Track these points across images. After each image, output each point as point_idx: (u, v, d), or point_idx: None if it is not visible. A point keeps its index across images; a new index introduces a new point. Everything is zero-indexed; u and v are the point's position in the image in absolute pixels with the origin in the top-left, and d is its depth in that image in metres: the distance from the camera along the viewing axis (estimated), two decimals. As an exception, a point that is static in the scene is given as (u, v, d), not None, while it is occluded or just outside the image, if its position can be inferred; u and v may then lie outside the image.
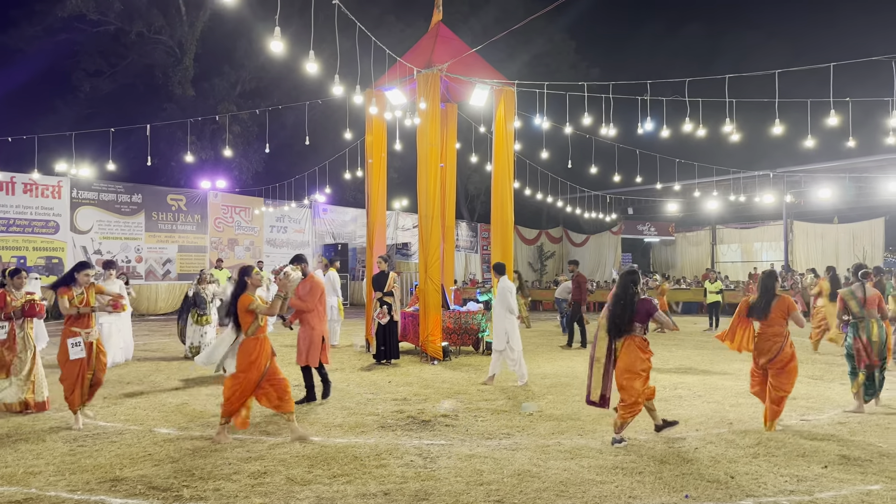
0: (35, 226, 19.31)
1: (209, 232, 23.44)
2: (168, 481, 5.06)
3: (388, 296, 10.98)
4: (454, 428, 6.72)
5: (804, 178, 25.67)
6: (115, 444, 6.10)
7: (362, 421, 7.00)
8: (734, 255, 34.01)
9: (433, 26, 13.05)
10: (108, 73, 28.27)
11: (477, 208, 36.45)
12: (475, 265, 33.15)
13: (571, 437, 6.36)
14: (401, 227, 30.12)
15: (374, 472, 5.30)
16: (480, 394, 8.53)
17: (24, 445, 6.04)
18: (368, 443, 6.14)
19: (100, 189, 20.80)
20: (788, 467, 5.39)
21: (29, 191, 19.19)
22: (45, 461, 5.56)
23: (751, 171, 24.19)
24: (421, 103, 11.60)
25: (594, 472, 5.28)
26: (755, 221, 32.48)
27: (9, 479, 5.12)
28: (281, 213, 25.77)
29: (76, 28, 26.28)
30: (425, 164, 11.75)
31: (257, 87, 29.63)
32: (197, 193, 23.47)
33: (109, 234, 20.87)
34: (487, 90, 12.57)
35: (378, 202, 13.07)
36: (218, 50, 28.66)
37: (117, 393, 8.51)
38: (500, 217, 12.74)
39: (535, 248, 35.53)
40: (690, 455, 5.74)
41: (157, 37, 27.66)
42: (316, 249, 26.52)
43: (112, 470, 5.33)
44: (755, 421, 6.94)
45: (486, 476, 5.20)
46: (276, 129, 27.23)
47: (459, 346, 12.35)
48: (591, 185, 26.80)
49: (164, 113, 25.94)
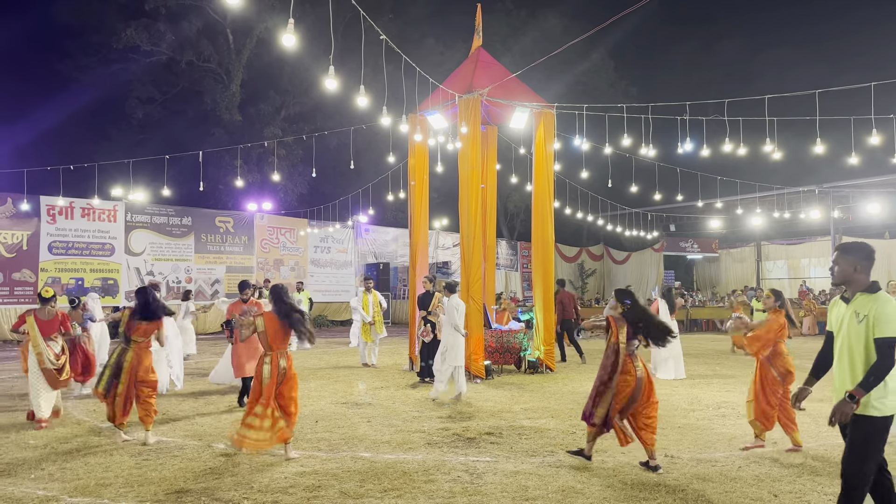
0: (92, 248, 20.13)
1: (256, 253, 24.07)
2: (229, 493, 5.35)
3: (432, 315, 11.22)
4: (499, 445, 6.90)
5: (852, 193, 25.20)
6: (178, 458, 6.43)
7: (409, 438, 7.22)
8: (780, 271, 33.41)
9: (473, 51, 13.37)
10: (159, 101, 29.37)
11: (517, 226, 36.58)
12: (515, 283, 33.22)
13: (614, 455, 6.48)
14: (441, 246, 30.42)
15: (422, 487, 5.50)
16: (524, 412, 8.68)
17: (94, 459, 6.42)
18: (416, 459, 6.35)
19: (152, 212, 21.59)
20: (833, 486, 5.42)
21: (87, 215, 20.04)
22: (114, 473, 5.91)
23: (795, 186, 23.88)
24: (462, 127, 11.89)
25: (637, 490, 5.40)
26: (802, 237, 31.92)
27: (82, 490, 5.47)
28: (325, 234, 26.32)
29: (130, 58, 27.42)
30: (466, 186, 12.01)
31: (301, 112, 30.41)
32: (244, 215, 24.16)
33: (161, 255, 21.62)
34: (527, 113, 12.82)
35: (420, 223, 13.37)
36: (263, 76, 29.56)
37: (176, 410, 8.90)
38: (541, 236, 12.91)
39: (575, 265, 35.45)
40: (734, 474, 5.81)
41: (205, 65, 28.68)
42: (358, 269, 26.97)
43: (177, 482, 5.65)
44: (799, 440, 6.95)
45: (531, 492, 5.36)
46: (321, 152, 27.88)
47: (502, 364, 12.51)
48: (632, 203, 26.75)
49: (212, 138, 26.83)
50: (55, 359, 7.82)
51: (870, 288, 4.04)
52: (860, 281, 4.08)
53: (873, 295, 3.99)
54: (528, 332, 12.77)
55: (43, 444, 6.99)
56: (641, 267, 34.65)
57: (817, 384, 4.30)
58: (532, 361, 12.43)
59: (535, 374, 12.26)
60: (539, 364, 12.40)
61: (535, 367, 12.38)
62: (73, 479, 5.77)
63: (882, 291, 4.04)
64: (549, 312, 12.74)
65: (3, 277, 18.52)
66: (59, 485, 5.60)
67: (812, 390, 4.27)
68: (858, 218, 27.52)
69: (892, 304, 3.93)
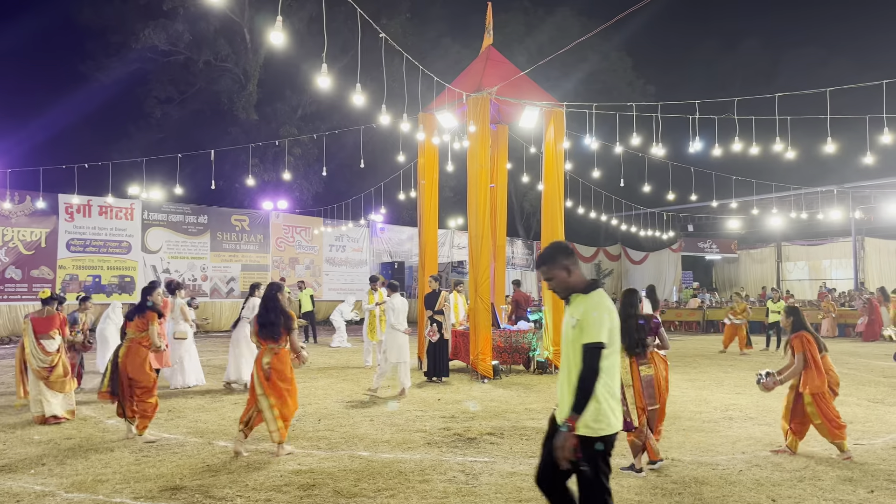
0: (109, 246, 20.37)
1: (271, 251, 24.22)
2: (224, 491, 5.36)
3: (438, 314, 11.19)
4: (498, 446, 6.85)
5: (873, 194, 24.78)
6: (177, 454, 6.47)
7: (409, 437, 7.21)
8: (801, 272, 32.94)
9: (484, 50, 13.32)
10: (177, 100, 29.67)
11: (533, 226, 36.44)
12: (531, 283, 33.11)
13: (614, 457, 6.34)
14: (456, 246, 30.38)
15: (417, 486, 5.48)
16: (528, 413, 8.63)
17: (94, 455, 6.47)
18: (414, 458, 6.33)
19: (169, 211, 21.80)
20: (833, 492, 5.32)
21: (104, 213, 20.28)
22: (112, 470, 5.96)
23: (813, 186, 23.52)
24: (471, 126, 11.85)
25: (634, 493, 5.33)
26: (823, 238, 31.43)
27: (79, 486, 5.52)
28: (339, 233, 26.40)
29: (148, 58, 27.73)
30: (475, 185, 11.97)
31: (318, 111, 30.54)
32: (259, 214, 24.32)
33: (177, 253, 21.82)
34: (537, 112, 12.75)
35: (430, 223, 13.34)
36: (280, 75, 29.73)
37: (180, 406, 8.96)
38: (552, 236, 12.80)
39: (592, 265, 35.24)
40: (734, 477, 5.72)
41: (223, 64, 28.92)
42: (373, 268, 27.03)
43: (173, 479, 5.68)
44: (806, 445, 6.83)
45: (525, 493, 5.32)
46: (336, 151, 27.99)
47: (510, 364, 12.45)
48: (647, 203, 26.53)
49: (228, 137, 27.03)
50: (44, 356, 7.90)
51: (585, 287, 3.61)
52: (577, 281, 3.65)
53: (586, 295, 3.56)
54: (537, 331, 12.70)
55: (46, 440, 7.07)
56: (659, 267, 34.33)
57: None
58: (541, 362, 12.36)
59: (543, 374, 12.19)
60: (548, 364, 12.32)
61: (543, 367, 12.31)
62: (72, 474, 5.82)
63: (599, 290, 3.58)
64: (559, 312, 12.65)
65: (22, 274, 18.80)
66: (56, 480, 5.66)
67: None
68: (880, 219, 27.05)
69: (597, 305, 3.50)
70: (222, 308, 22.53)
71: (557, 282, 3.68)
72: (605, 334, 3.44)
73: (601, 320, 3.45)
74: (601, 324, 3.45)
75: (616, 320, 3.57)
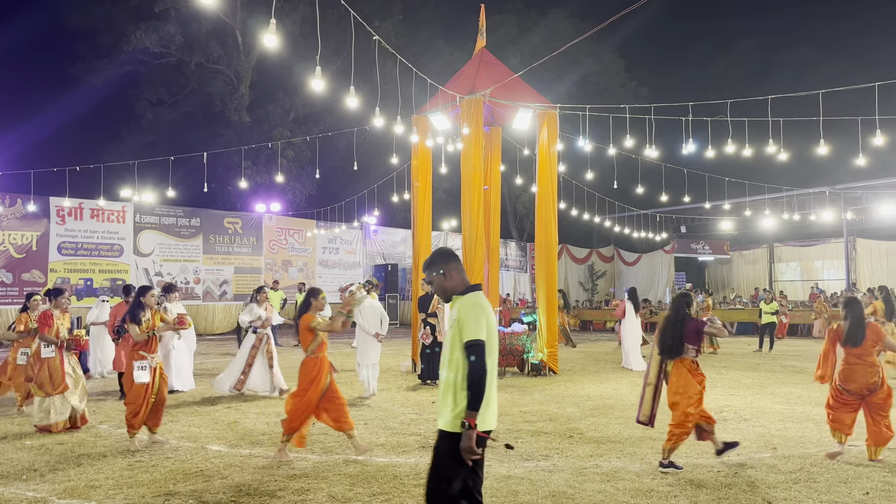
0: (101, 249, 20.26)
1: (264, 254, 24.14)
2: (217, 496, 5.32)
3: (431, 317, 11.17)
4: (493, 449, 6.82)
5: (865, 195, 24.90)
6: (170, 459, 6.42)
7: (404, 441, 7.18)
8: (793, 273, 33.10)
9: (477, 52, 13.32)
10: (169, 102, 29.57)
11: (526, 228, 36.48)
12: (524, 285, 33.13)
13: (610, 460, 6.40)
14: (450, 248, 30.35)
15: (412, 491, 5.45)
16: (523, 415, 8.61)
17: (87, 461, 6.42)
18: (409, 462, 6.31)
19: (161, 213, 21.70)
20: (828, 493, 5.33)
21: (96, 216, 20.17)
22: (104, 475, 5.91)
23: (805, 188, 23.63)
24: (464, 128, 11.83)
25: (629, 495, 5.32)
26: (815, 239, 31.59)
27: (71, 492, 5.47)
28: (333, 235, 26.34)
29: (140, 60, 27.64)
30: (469, 188, 11.97)
31: (310, 113, 30.49)
32: (252, 216, 24.23)
33: (169, 256, 21.72)
34: (530, 114, 12.75)
35: (424, 224, 13.33)
36: (272, 77, 29.68)
37: (174, 411, 8.90)
38: (545, 238, 12.84)
39: (585, 267, 35.31)
40: (729, 480, 5.72)
41: (215, 66, 28.84)
42: (367, 270, 26.98)
43: (166, 485, 5.64)
44: (800, 446, 6.85)
45: (521, 497, 5.30)
46: (329, 153, 27.96)
47: (504, 367, 12.44)
48: (640, 205, 26.59)
49: (221, 139, 26.95)
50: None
51: (464, 290, 3.73)
52: (455, 285, 3.76)
53: (464, 296, 3.70)
54: (531, 334, 12.69)
55: (38, 446, 7.01)
56: (652, 268, 34.42)
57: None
58: (535, 364, 12.35)
59: (538, 376, 12.18)
60: (542, 366, 12.32)
61: (538, 369, 12.30)
62: (64, 480, 5.77)
63: (477, 292, 3.71)
64: (553, 314, 12.66)
65: (13, 278, 18.67)
66: (48, 486, 5.61)
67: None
68: (872, 220, 27.20)
69: (471, 304, 3.61)
70: (215, 311, 22.43)
71: (436, 285, 3.83)
72: (483, 332, 3.53)
73: (477, 319, 3.56)
74: (478, 322, 3.55)
75: (492, 321, 3.65)
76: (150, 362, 7.02)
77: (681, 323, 6.27)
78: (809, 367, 13.48)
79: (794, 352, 16.97)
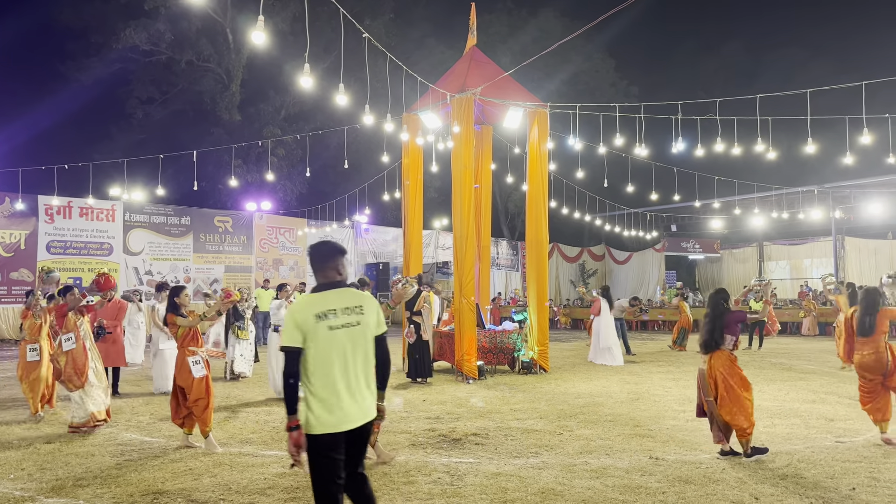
0: (90, 248, 20.16)
1: (255, 252, 24.08)
2: (206, 495, 5.31)
3: (416, 315, 11.18)
4: (484, 447, 6.85)
5: (854, 193, 25.08)
6: (160, 458, 6.40)
7: (394, 439, 7.18)
8: (783, 271, 33.30)
9: (468, 51, 13.32)
10: (159, 101, 29.43)
11: (517, 226, 36.52)
12: (516, 283, 33.17)
13: (599, 457, 6.42)
14: (441, 246, 30.37)
15: (401, 488, 5.46)
16: (513, 413, 8.63)
17: (75, 459, 6.39)
18: (399, 460, 6.31)
19: (151, 212, 21.61)
20: (815, 489, 5.37)
21: (85, 214, 20.07)
22: (93, 474, 5.88)
23: (794, 187, 23.77)
24: (455, 127, 11.84)
25: (618, 492, 5.35)
26: (804, 237, 31.79)
27: (58, 490, 5.45)
28: (323, 234, 26.27)
29: (130, 58, 27.49)
30: (459, 186, 11.97)
31: (301, 111, 30.41)
32: (243, 215, 24.17)
33: (160, 255, 21.63)
34: (521, 112, 12.77)
35: (414, 223, 13.33)
36: (263, 75, 29.59)
37: (163, 410, 8.87)
38: (535, 236, 12.86)
39: (576, 265, 35.37)
40: (717, 476, 5.75)
41: (205, 64, 28.72)
42: (358, 269, 26.95)
43: (155, 483, 5.62)
44: (788, 442, 6.90)
45: (510, 494, 5.31)
46: (320, 151, 27.89)
47: (495, 365, 12.46)
48: (630, 203, 26.66)
49: (211, 137, 26.84)
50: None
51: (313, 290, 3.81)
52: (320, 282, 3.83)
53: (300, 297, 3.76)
54: (521, 332, 12.72)
55: (26, 445, 6.97)
56: (643, 267, 34.54)
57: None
58: (526, 362, 12.38)
59: (528, 374, 12.21)
60: (533, 364, 12.35)
61: (528, 367, 12.33)
62: (52, 479, 5.74)
63: (302, 296, 3.78)
64: (544, 313, 12.69)
65: (1, 277, 18.56)
66: (36, 485, 5.58)
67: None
68: (860, 218, 27.39)
69: (293, 309, 3.65)
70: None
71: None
72: (295, 338, 3.53)
73: (285, 324, 3.60)
74: (289, 327, 3.57)
75: (308, 320, 3.57)
76: (203, 355, 6.96)
77: (720, 318, 6.49)
78: (798, 365, 13.59)
79: (782, 350, 17.07)
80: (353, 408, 3.60)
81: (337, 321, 3.62)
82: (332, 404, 3.55)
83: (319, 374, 3.56)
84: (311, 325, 3.56)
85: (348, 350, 3.63)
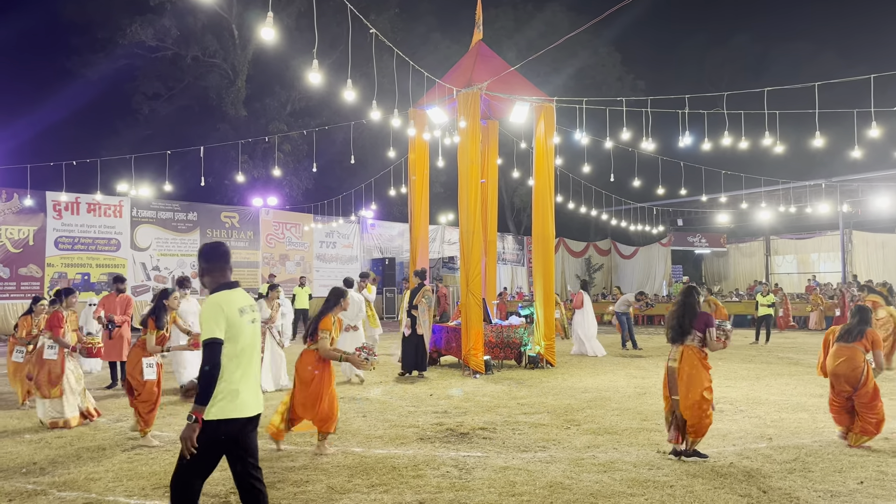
0: (98, 243, 20.26)
1: (261, 248, 24.15)
2: (216, 488, 5.36)
3: (414, 309, 11.21)
4: (491, 441, 6.88)
5: (861, 187, 24.98)
6: (170, 452, 6.45)
7: (402, 433, 7.22)
8: (790, 266, 33.20)
9: (474, 45, 13.31)
10: (165, 96, 29.50)
11: (523, 221, 36.53)
12: (522, 278, 33.19)
13: (607, 451, 6.44)
14: (447, 241, 30.40)
15: (410, 482, 5.49)
16: (520, 407, 8.65)
17: (86, 454, 6.45)
18: (407, 454, 6.35)
19: (158, 208, 21.69)
20: (823, 483, 5.38)
21: (92, 210, 20.16)
22: (104, 468, 5.94)
23: (801, 181, 23.69)
24: (461, 122, 11.84)
25: (626, 486, 5.37)
26: (811, 232, 31.69)
27: (70, 484, 5.50)
28: (330, 229, 26.36)
29: (136, 54, 27.56)
30: (466, 181, 11.97)
31: (307, 106, 30.44)
32: (249, 210, 24.23)
33: (167, 251, 21.72)
34: (527, 107, 12.75)
35: (421, 218, 13.35)
36: (269, 71, 29.62)
37: (173, 403, 8.93)
38: (542, 232, 12.85)
39: (582, 260, 35.37)
40: (725, 470, 5.76)
41: (211, 60, 28.76)
42: (364, 264, 27.00)
43: (166, 477, 5.65)
44: (796, 436, 6.91)
45: (518, 488, 5.34)
46: (326, 147, 27.91)
47: (502, 359, 12.49)
48: (637, 198, 26.63)
49: (217, 133, 26.90)
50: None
51: (213, 289, 3.90)
52: (209, 283, 3.94)
53: (210, 296, 3.86)
54: (528, 326, 12.74)
55: (38, 439, 7.04)
56: (649, 262, 34.50)
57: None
58: (532, 356, 12.39)
59: (535, 369, 12.22)
60: (540, 359, 12.36)
61: (535, 362, 12.34)
62: (64, 473, 5.80)
63: (222, 292, 3.84)
64: (550, 307, 12.69)
65: (10, 272, 18.67)
66: (48, 479, 5.64)
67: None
68: (868, 212, 27.30)
69: (210, 304, 3.77)
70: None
71: (201, 280, 4.02)
72: (218, 331, 3.70)
73: (215, 318, 3.72)
74: (215, 321, 3.71)
75: (234, 314, 3.77)
76: (158, 359, 7.05)
77: (692, 309, 6.25)
78: (805, 359, 13.57)
79: (789, 344, 17.05)
80: (251, 397, 3.86)
81: (248, 317, 3.90)
82: (240, 392, 3.78)
83: (235, 365, 3.78)
84: (237, 319, 3.80)
85: (256, 344, 3.98)
